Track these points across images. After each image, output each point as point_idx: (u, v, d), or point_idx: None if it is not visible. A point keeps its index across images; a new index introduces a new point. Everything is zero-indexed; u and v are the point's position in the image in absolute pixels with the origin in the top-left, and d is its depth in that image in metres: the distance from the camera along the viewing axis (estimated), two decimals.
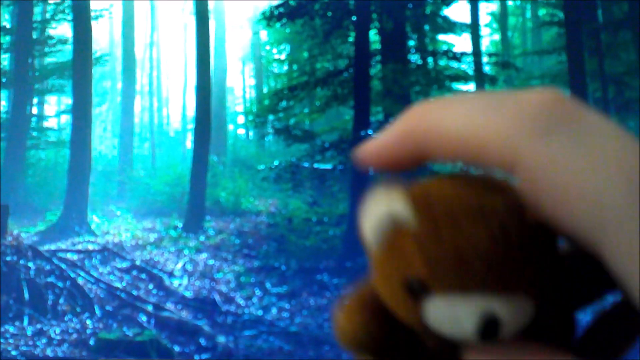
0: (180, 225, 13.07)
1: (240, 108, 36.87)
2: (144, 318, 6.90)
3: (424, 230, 0.22)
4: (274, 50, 26.90)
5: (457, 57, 12.17)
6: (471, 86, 18.04)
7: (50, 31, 18.19)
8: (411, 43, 14.37)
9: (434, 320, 0.23)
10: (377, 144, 0.24)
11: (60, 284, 7.28)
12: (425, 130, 0.23)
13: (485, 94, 0.22)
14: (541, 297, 0.22)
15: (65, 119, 22.67)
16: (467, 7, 19.04)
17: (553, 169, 0.19)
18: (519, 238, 0.22)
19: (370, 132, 10.53)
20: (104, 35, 35.31)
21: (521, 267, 0.22)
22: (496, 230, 0.21)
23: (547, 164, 0.19)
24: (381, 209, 0.23)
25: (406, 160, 0.24)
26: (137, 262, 9.52)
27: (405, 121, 0.23)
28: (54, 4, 17.44)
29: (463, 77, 13.44)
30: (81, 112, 13.09)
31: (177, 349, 6.08)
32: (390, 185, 0.24)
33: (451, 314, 0.22)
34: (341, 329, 0.26)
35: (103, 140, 27.21)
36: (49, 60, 19.42)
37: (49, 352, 5.73)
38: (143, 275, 8.87)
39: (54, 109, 26.69)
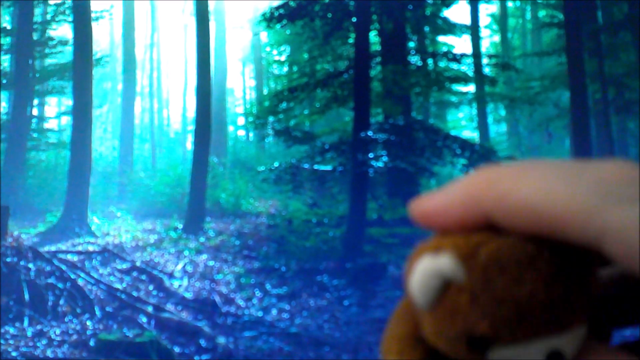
0: (180, 226, 13.08)
1: (240, 109, 36.91)
2: (144, 319, 6.91)
3: (475, 283, 0.22)
4: (274, 52, 26.93)
5: (457, 59, 12.18)
6: (471, 87, 18.10)
7: (51, 32, 18.22)
8: (411, 44, 14.39)
9: None
10: (438, 203, 0.23)
11: (60, 285, 7.28)
12: (496, 198, 0.22)
13: (557, 163, 0.22)
14: (591, 319, 0.24)
15: (66, 120, 22.70)
16: (467, 8, 19.10)
17: None
18: (568, 278, 0.22)
19: (370, 133, 10.52)
20: (105, 36, 35.38)
21: (575, 302, 0.22)
22: (547, 276, 0.22)
23: (637, 229, 0.19)
24: (428, 266, 0.23)
25: (469, 224, 0.23)
26: (138, 263, 9.51)
27: (473, 185, 0.23)
28: (55, 5, 17.46)
29: (463, 79, 13.44)
30: (81, 114, 13.10)
31: (177, 350, 6.08)
32: (434, 240, 0.24)
33: (518, 358, 0.22)
34: None
35: (103, 142, 27.22)
36: (49, 61, 19.44)
37: (49, 353, 5.73)
38: (143, 277, 8.87)
39: (54, 111, 26.75)
